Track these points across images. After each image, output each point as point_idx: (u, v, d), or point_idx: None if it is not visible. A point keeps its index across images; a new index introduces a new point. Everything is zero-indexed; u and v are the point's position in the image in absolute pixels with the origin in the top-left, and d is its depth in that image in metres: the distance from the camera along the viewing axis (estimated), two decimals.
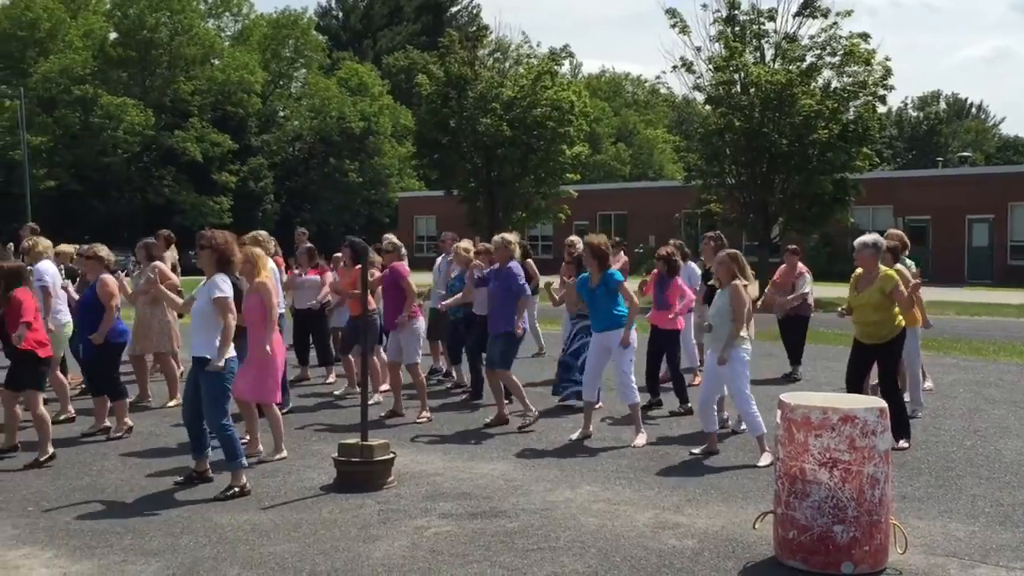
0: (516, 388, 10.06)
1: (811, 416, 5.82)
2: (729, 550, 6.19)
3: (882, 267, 8.94)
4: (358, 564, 5.95)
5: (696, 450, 8.83)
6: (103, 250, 9.98)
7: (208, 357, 7.51)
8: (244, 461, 7.64)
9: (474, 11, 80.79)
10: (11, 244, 18.20)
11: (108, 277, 9.75)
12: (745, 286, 8.61)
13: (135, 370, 11.45)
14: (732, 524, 6.71)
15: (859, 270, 9.05)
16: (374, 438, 7.92)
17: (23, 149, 20.42)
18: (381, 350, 11.70)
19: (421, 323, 10.73)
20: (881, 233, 9.79)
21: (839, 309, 9.54)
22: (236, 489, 7.46)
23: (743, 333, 8.56)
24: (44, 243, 11.06)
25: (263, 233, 11.08)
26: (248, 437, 8.73)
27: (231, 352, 7.68)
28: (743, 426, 9.26)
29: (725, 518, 6.85)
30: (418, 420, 10.32)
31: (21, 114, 18.99)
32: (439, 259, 13.31)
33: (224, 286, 7.67)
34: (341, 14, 79.19)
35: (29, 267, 10.66)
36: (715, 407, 8.88)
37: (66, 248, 12.48)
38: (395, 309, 10.50)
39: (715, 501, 7.29)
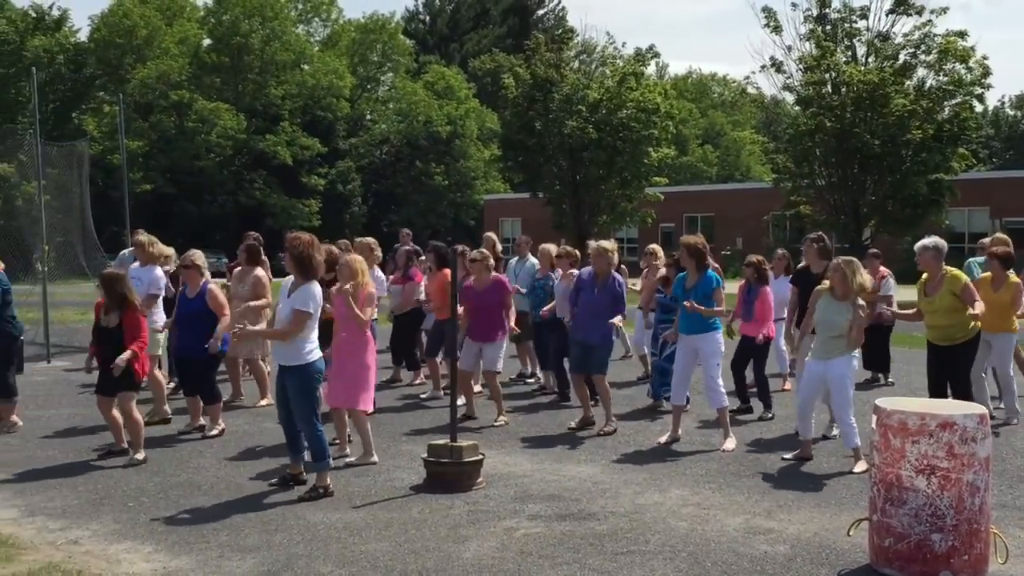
0: (607, 395, 10.01)
1: (908, 422, 5.70)
2: (822, 557, 6.10)
3: (948, 268, 8.83)
4: (448, 564, 5.99)
5: (788, 455, 8.69)
6: (199, 258, 10.01)
7: (294, 365, 7.47)
8: (330, 462, 7.67)
9: (560, 13, 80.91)
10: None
11: (214, 288, 9.86)
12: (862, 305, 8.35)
13: (228, 370, 11.69)
14: (825, 531, 6.60)
15: (925, 275, 8.93)
16: (462, 439, 7.97)
17: (122, 153, 21.06)
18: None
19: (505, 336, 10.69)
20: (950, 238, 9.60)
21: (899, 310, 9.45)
22: (320, 490, 7.49)
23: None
24: (160, 247, 11.31)
25: (371, 240, 11.39)
26: (338, 440, 8.82)
27: (317, 353, 7.64)
28: (835, 431, 9.11)
29: (818, 524, 6.75)
30: (495, 423, 10.31)
31: (120, 119, 19.54)
32: (513, 261, 13.22)
33: (312, 303, 7.48)
34: (428, 18, 79.93)
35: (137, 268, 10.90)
36: (813, 414, 8.68)
37: (165, 251, 12.70)
38: (481, 320, 10.44)
39: (807, 507, 7.18)
